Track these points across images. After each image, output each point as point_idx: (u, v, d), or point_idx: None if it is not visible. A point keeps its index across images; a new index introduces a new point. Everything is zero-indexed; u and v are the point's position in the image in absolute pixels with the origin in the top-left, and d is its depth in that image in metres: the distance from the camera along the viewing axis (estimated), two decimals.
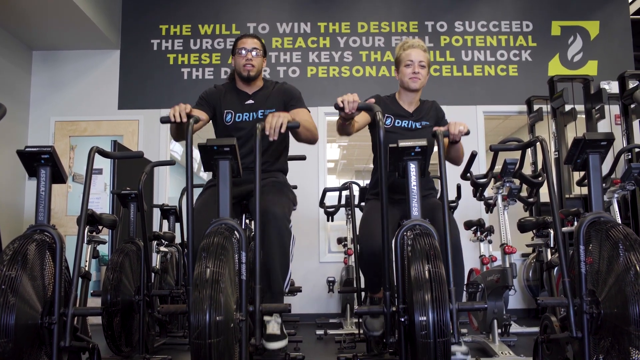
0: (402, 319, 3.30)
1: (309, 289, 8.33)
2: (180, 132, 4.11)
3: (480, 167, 8.43)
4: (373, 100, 3.99)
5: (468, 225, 6.54)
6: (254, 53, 4.47)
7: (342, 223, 8.14)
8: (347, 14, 9.47)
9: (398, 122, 4.49)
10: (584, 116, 8.32)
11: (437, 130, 3.72)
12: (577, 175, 7.03)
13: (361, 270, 4.53)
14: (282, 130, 3.75)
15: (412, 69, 4.40)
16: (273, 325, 3.96)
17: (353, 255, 6.32)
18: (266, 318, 4.00)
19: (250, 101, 4.48)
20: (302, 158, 5.34)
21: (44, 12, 7.92)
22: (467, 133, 3.93)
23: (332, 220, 7.92)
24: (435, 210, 4.10)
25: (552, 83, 8.33)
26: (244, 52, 4.47)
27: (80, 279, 4.74)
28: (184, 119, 3.76)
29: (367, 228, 4.29)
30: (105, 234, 5.84)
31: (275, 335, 3.93)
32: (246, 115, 4.46)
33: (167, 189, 9.25)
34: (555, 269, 5.58)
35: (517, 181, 5.68)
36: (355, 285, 6.04)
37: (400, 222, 3.73)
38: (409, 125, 4.49)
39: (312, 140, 4.44)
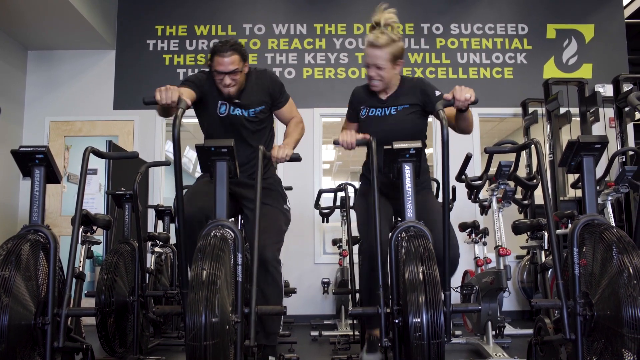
0: (396, 321, 3.30)
1: (304, 290, 8.33)
2: (167, 109, 3.77)
3: (475, 169, 8.44)
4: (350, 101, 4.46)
5: (463, 227, 6.55)
6: (233, 76, 4.16)
7: (337, 224, 8.15)
8: (343, 15, 9.47)
9: (372, 112, 4.37)
10: (578, 119, 8.34)
11: (439, 103, 3.66)
12: (571, 178, 7.05)
13: (362, 276, 4.48)
14: (286, 159, 4.06)
15: (369, 72, 4.27)
16: None
17: (348, 257, 6.31)
18: None
19: (237, 100, 4.33)
20: (298, 159, 5.34)
21: (40, 12, 7.91)
22: (476, 102, 3.68)
23: (327, 222, 7.91)
24: (430, 212, 4.07)
25: (547, 86, 8.34)
26: (221, 75, 4.14)
27: (74, 280, 4.73)
28: (172, 103, 3.49)
29: (367, 231, 4.27)
30: (99, 235, 5.82)
31: None
32: (238, 110, 4.32)
33: (162, 189, 9.25)
34: (549, 271, 5.59)
35: (511, 183, 5.69)
36: (350, 287, 6.05)
37: (396, 221, 3.73)
38: (382, 113, 4.33)
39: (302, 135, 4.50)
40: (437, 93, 4.21)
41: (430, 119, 4.32)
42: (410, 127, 4.26)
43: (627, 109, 7.61)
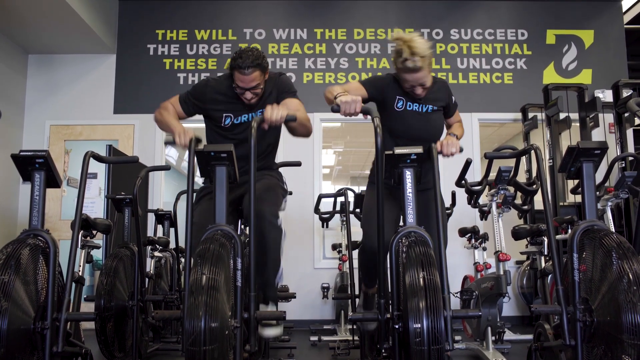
0: (397, 326, 3.30)
1: (304, 295, 8.31)
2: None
3: (474, 175, 8.44)
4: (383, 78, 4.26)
5: (462, 232, 6.55)
6: (254, 90, 4.09)
7: (337, 229, 8.15)
8: (344, 20, 9.48)
9: (410, 106, 4.21)
10: (578, 124, 8.34)
11: (432, 146, 3.73)
12: (571, 183, 7.04)
13: (360, 263, 4.45)
14: (281, 121, 3.69)
15: (412, 89, 4.11)
16: None
17: (348, 262, 6.31)
18: (261, 306, 3.99)
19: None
20: (298, 164, 5.34)
21: (41, 16, 7.92)
22: (461, 150, 3.90)
23: (327, 227, 7.91)
24: (430, 214, 4.06)
25: (547, 91, 8.34)
26: (242, 90, 4.08)
27: (73, 284, 4.73)
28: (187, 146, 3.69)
29: (370, 224, 4.24)
30: (99, 239, 5.82)
31: (271, 324, 3.92)
32: (244, 117, 4.22)
33: (162, 194, 9.24)
34: (549, 276, 5.59)
35: (511, 189, 5.69)
36: (349, 292, 6.04)
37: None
38: (420, 109, 4.22)
39: (306, 134, 4.28)
40: (453, 100, 4.39)
41: None
42: (439, 126, 4.35)
43: (626, 114, 7.60)
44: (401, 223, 3.75)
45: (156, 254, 6.64)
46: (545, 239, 5.58)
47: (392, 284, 3.51)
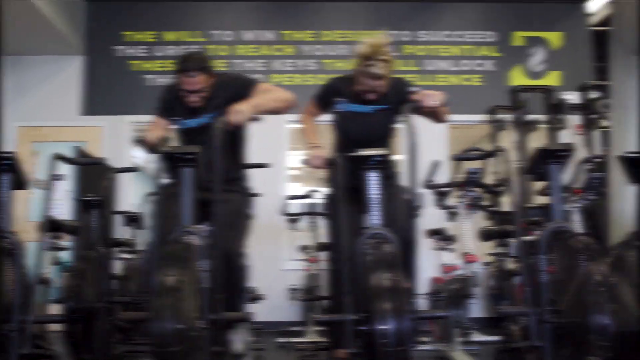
0: (363, 328, 3.31)
1: (271, 297, 8.27)
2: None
3: (442, 176, 8.46)
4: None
5: (430, 233, 6.57)
6: (199, 93, 4.11)
7: (305, 231, 8.14)
8: (312, 22, 9.48)
9: (349, 107, 4.28)
10: (545, 126, 8.39)
11: (407, 108, 3.72)
12: (539, 185, 7.10)
13: (331, 284, 4.42)
14: (245, 121, 3.89)
15: (364, 93, 4.16)
16: None
17: (316, 264, 6.30)
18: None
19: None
20: (265, 166, 5.33)
21: (6, 17, 7.83)
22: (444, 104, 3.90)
23: (295, 228, 7.90)
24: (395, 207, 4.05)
25: (515, 93, 8.39)
26: (187, 93, 4.09)
27: (40, 286, 4.69)
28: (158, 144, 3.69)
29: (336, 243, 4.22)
30: (66, 241, 5.78)
31: None
32: (192, 122, 4.23)
33: (130, 195, 9.18)
34: (517, 278, 5.63)
35: (479, 190, 5.72)
36: (317, 294, 6.04)
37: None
38: (361, 110, 4.24)
39: (287, 107, 4.39)
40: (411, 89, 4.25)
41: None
42: (383, 126, 4.30)
43: (593, 116, 7.66)
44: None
45: (124, 255, 6.60)
46: (513, 241, 5.62)
47: (358, 286, 3.52)
